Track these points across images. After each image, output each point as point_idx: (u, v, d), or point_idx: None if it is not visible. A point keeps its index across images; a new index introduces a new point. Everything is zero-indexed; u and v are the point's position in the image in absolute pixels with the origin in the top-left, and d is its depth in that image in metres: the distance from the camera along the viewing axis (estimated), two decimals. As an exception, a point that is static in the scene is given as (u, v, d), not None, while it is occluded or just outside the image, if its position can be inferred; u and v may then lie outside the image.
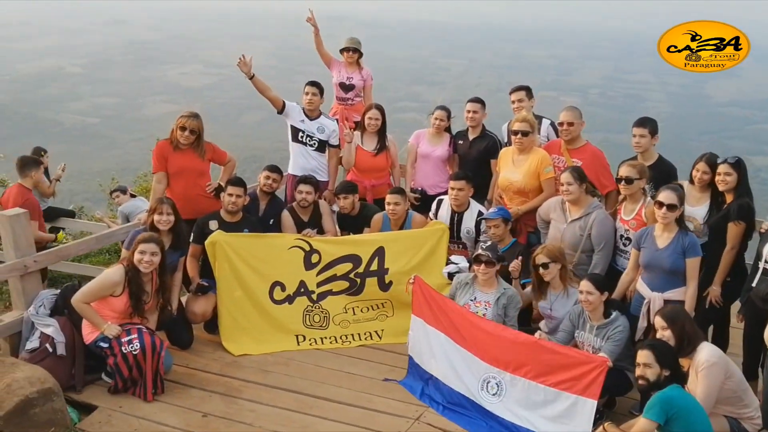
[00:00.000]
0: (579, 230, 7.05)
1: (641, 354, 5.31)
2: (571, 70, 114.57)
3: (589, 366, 5.63)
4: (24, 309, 6.85)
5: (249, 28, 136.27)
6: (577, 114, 7.71)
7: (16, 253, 6.74)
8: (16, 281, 6.87)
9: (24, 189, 8.16)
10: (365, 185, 8.78)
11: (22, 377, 5.78)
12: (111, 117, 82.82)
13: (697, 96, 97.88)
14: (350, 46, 9.75)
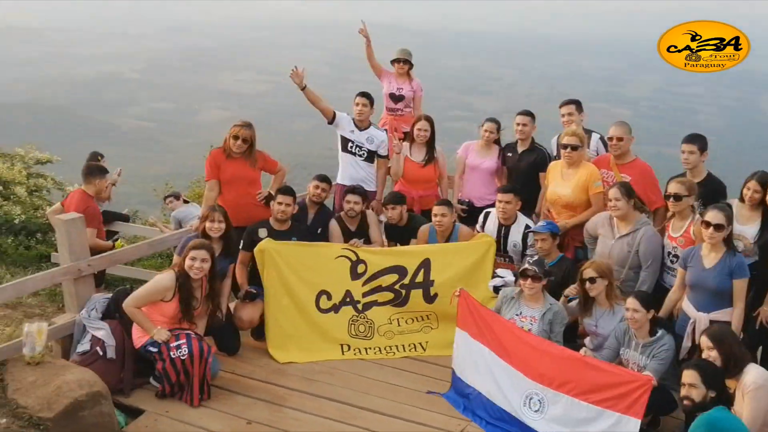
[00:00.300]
0: (627, 246, 6.97)
1: (687, 374, 5.24)
2: (623, 81, 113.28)
3: (634, 384, 5.55)
4: (77, 312, 6.96)
5: (302, 37, 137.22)
6: (627, 129, 7.65)
7: (70, 256, 6.85)
8: (70, 284, 6.98)
9: (86, 195, 8.30)
10: (413, 196, 8.79)
11: (72, 380, 5.88)
12: (166, 122, 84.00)
13: (751, 109, 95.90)
14: (401, 57, 9.78)
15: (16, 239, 11.19)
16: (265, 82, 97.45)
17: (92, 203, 8.21)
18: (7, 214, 11.30)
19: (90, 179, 8.27)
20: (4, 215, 11.29)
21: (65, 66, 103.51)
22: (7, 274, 9.72)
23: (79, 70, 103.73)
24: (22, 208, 11.67)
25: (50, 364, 6.18)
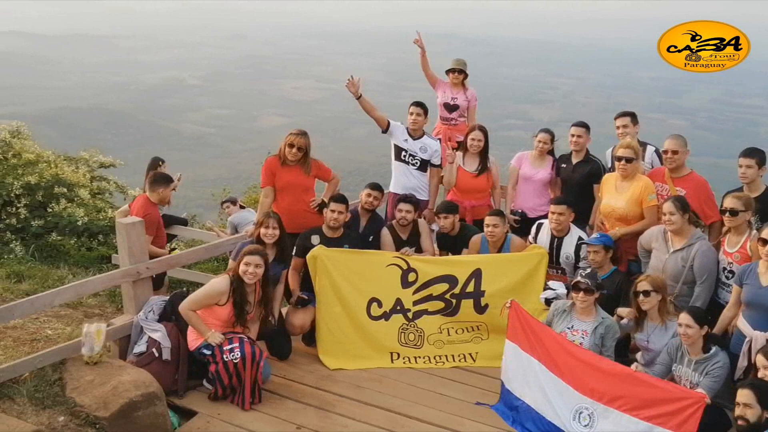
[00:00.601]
0: (681, 261, 6.87)
1: (741, 393, 5.14)
2: (680, 92, 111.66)
3: (686, 401, 5.46)
4: (134, 313, 7.10)
5: (359, 45, 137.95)
6: (682, 142, 7.54)
7: (129, 259, 7.00)
8: (129, 287, 7.13)
9: (149, 202, 8.45)
10: (465, 206, 8.77)
11: (128, 380, 6.01)
12: (225, 128, 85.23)
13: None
14: (456, 68, 9.80)
15: (78, 240, 11.49)
16: (321, 89, 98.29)
17: (153, 210, 8.32)
18: (70, 216, 11.58)
19: (154, 187, 8.43)
20: (68, 217, 11.56)
21: (130, 72, 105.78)
22: (69, 274, 9.93)
23: (143, 76, 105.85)
24: (85, 210, 11.94)
25: (108, 364, 6.32)
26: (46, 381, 6.08)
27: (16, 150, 12.53)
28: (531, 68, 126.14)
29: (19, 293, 8.54)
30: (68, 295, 6.87)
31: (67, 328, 7.43)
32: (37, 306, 6.55)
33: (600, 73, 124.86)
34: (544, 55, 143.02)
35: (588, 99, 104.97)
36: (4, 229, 11.41)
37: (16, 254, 10.76)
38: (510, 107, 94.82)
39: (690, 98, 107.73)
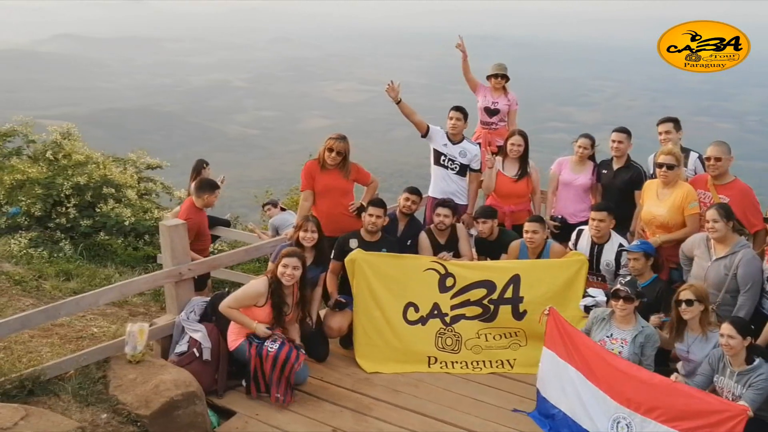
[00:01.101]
0: (724, 269, 6.73)
1: None
2: (728, 95, 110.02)
3: (728, 414, 5.34)
4: (176, 314, 7.22)
5: (402, 48, 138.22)
6: (726, 149, 7.39)
7: (172, 260, 7.11)
8: (171, 287, 7.25)
9: (193, 207, 8.60)
10: (504, 211, 8.75)
11: (169, 379, 6.10)
12: (270, 129, 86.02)
13: None
14: (498, 73, 9.79)
15: (125, 240, 11.79)
16: (364, 92, 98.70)
17: (195, 215, 8.51)
18: (117, 216, 11.83)
19: (200, 193, 8.58)
20: (115, 217, 11.82)
21: (178, 74, 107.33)
22: (116, 273, 10.21)
23: (191, 78, 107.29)
24: (132, 210, 12.21)
25: (150, 363, 6.44)
26: (90, 378, 6.21)
27: (67, 151, 12.84)
28: (574, 70, 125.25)
29: (67, 291, 8.79)
30: (113, 295, 7.00)
31: (112, 327, 7.59)
32: (82, 305, 6.71)
33: (644, 75, 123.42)
34: (587, 56, 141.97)
35: (632, 102, 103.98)
36: (55, 229, 11.75)
37: (66, 253, 11.04)
38: (553, 110, 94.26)
39: (738, 101, 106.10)
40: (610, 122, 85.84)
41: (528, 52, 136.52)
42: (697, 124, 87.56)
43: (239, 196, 34.25)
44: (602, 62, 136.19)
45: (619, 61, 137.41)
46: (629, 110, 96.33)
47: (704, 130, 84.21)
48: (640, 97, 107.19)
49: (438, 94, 77.47)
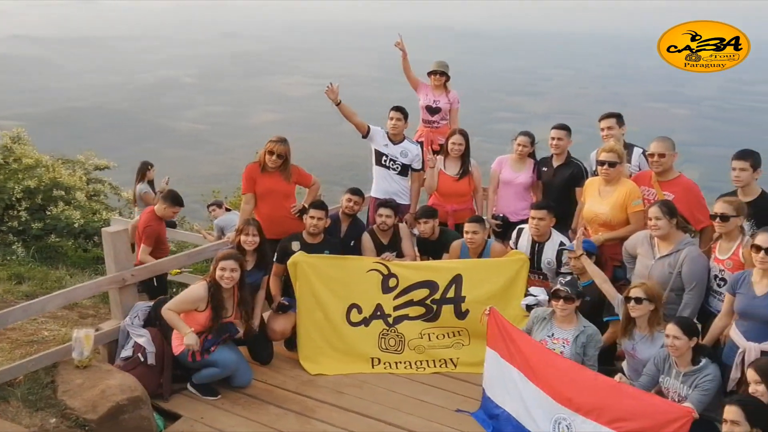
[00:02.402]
0: (668, 267, 6.68)
1: (729, 410, 4.97)
2: (683, 80, 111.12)
3: (672, 415, 5.30)
4: (121, 319, 7.24)
5: (351, 40, 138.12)
6: (669, 145, 7.31)
7: (116, 266, 7.13)
8: (115, 293, 7.28)
9: (153, 215, 8.70)
10: (447, 210, 8.78)
11: (115, 384, 6.17)
12: (219, 125, 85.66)
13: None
14: (438, 69, 9.76)
15: (75, 242, 11.91)
16: (313, 85, 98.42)
17: (154, 223, 8.59)
18: (67, 219, 11.92)
19: (164, 202, 8.63)
20: (65, 219, 11.89)
21: (128, 72, 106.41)
22: (67, 275, 10.28)
23: (141, 76, 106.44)
24: (81, 212, 12.31)
25: (97, 368, 6.47)
26: (39, 383, 6.22)
27: (17, 155, 12.97)
28: (525, 60, 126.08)
29: (19, 295, 8.92)
30: (59, 302, 7.01)
31: (62, 330, 7.54)
32: (30, 313, 6.75)
33: (597, 63, 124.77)
34: (539, 46, 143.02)
35: (583, 90, 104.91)
36: (7, 232, 11.96)
37: (18, 256, 11.18)
38: (502, 99, 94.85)
39: (694, 86, 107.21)
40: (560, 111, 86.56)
41: (479, 43, 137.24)
42: (652, 111, 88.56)
43: (190, 192, 33.91)
44: (554, 52, 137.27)
45: (572, 51, 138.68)
46: (580, 99, 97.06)
47: (659, 116, 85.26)
48: (591, 85, 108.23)
49: (388, 86, 77.42)
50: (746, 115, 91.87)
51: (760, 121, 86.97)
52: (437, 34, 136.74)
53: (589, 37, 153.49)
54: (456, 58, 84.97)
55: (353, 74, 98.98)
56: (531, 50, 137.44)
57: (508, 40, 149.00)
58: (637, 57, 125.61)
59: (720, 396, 5.82)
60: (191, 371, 6.91)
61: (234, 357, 6.98)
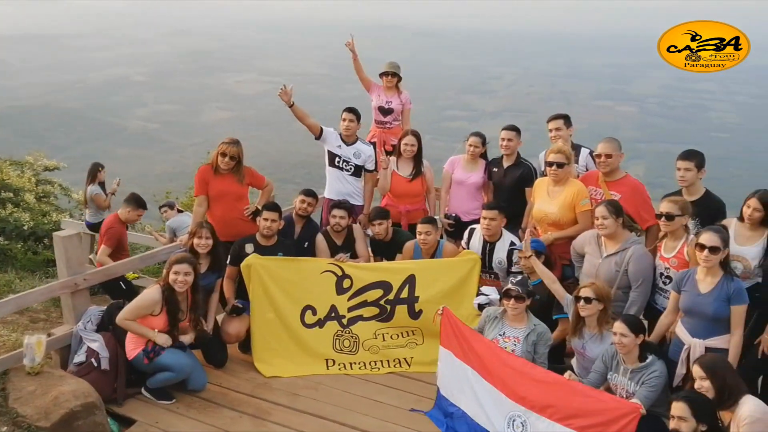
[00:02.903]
0: (615, 266, 6.82)
1: (676, 406, 5.09)
2: (629, 78, 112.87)
3: (621, 411, 5.40)
4: (74, 324, 7.17)
5: (304, 38, 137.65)
6: (616, 145, 7.49)
7: (68, 271, 7.05)
8: (68, 297, 7.19)
9: (117, 219, 8.79)
10: (400, 210, 8.84)
11: (68, 390, 6.08)
12: (171, 123, 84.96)
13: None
14: (389, 71, 9.81)
15: (25, 245, 11.67)
16: (265, 83, 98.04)
17: (117, 226, 8.70)
18: (16, 221, 11.71)
19: (126, 205, 8.76)
20: (14, 222, 11.67)
21: (78, 71, 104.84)
22: (17, 278, 10.13)
23: (91, 74, 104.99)
24: (30, 214, 12.11)
25: (49, 374, 6.39)
26: (-11, 391, 6.11)
27: None
28: (476, 59, 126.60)
29: None
30: (9, 308, 6.90)
31: (12, 335, 7.48)
32: (-23, 320, 6.59)
33: (546, 62, 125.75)
34: (490, 45, 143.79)
35: (532, 88, 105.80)
36: None
37: None
38: (453, 98, 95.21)
39: (640, 84, 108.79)
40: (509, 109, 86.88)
41: (431, 42, 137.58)
42: (599, 108, 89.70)
43: (141, 191, 33.61)
44: (504, 50, 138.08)
45: (521, 48, 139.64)
46: (529, 96, 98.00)
47: (605, 113, 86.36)
48: (540, 83, 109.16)
49: (340, 84, 77.46)
50: (689, 112, 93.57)
51: (702, 118, 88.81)
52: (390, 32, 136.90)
53: (537, 36, 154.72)
54: (409, 57, 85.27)
55: (305, 72, 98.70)
56: (481, 49, 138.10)
57: (460, 39, 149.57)
58: (584, 55, 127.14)
59: (666, 392, 5.96)
60: (146, 375, 6.87)
61: (188, 361, 6.96)
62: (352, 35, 9.84)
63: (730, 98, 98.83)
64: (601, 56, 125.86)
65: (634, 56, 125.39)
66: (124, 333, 6.89)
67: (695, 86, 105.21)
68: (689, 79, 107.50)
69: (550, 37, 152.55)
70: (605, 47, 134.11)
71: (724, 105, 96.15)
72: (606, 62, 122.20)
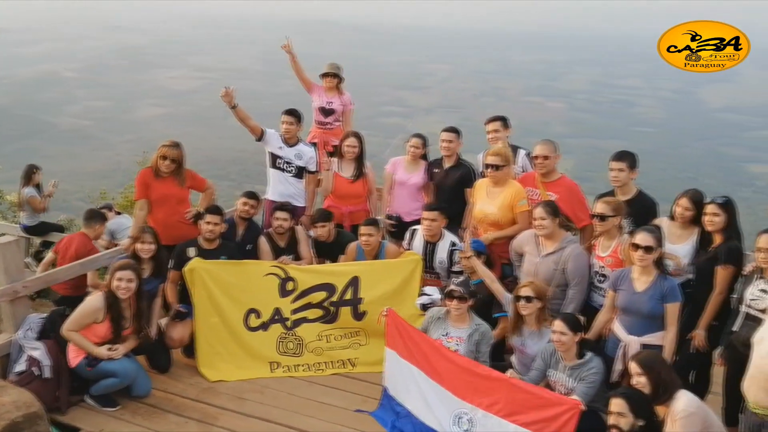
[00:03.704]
0: (553, 265, 6.99)
1: (614, 403, 5.24)
2: (558, 75, 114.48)
3: (562, 408, 5.56)
4: (13, 332, 7.05)
5: (238, 33, 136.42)
6: (552, 147, 7.67)
7: (6, 278, 6.94)
8: (7, 305, 7.07)
9: (87, 239, 8.63)
10: (343, 211, 8.89)
11: (9, 401, 5.87)
12: (103, 120, 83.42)
13: (691, 101, 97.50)
14: (330, 72, 9.85)
15: None
16: (199, 79, 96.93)
17: (93, 247, 8.57)
18: None
19: (91, 224, 8.70)
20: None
21: (5, 66, 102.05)
22: None
23: (19, 70, 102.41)
24: None
25: (-11, 385, 6.23)
26: (-75, 406, 5.90)
27: None
28: (409, 55, 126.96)
29: None
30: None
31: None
32: None
33: (478, 58, 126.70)
34: (423, 41, 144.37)
35: (465, 84, 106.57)
36: None
37: None
38: (388, 94, 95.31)
39: (568, 80, 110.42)
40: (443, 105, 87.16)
41: (365, 38, 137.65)
42: (529, 105, 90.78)
43: (74, 189, 33.11)
44: (437, 47, 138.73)
45: (454, 45, 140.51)
46: (462, 92, 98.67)
47: (535, 109, 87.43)
48: (472, 79, 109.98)
49: (275, 80, 76.97)
50: (615, 107, 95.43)
51: (628, 114, 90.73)
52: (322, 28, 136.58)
53: (469, 33, 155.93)
54: (341, 53, 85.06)
55: (239, 68, 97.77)
56: (414, 45, 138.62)
57: (391, 34, 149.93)
58: (515, 52, 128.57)
59: (604, 387, 6.14)
60: (89, 382, 6.80)
61: (132, 366, 6.92)
62: (288, 37, 9.83)
63: (654, 93, 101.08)
64: (529, 53, 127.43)
65: (560, 53, 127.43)
66: (66, 340, 6.82)
67: (621, 82, 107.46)
68: (615, 75, 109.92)
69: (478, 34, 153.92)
70: (534, 45, 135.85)
71: (648, 100, 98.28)
72: (533, 58, 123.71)
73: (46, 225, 11.50)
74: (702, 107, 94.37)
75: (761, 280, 5.94)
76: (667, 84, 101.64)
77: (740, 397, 5.61)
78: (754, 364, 5.32)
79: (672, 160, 65.35)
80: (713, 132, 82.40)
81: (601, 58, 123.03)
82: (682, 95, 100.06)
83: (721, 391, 6.45)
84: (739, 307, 6.09)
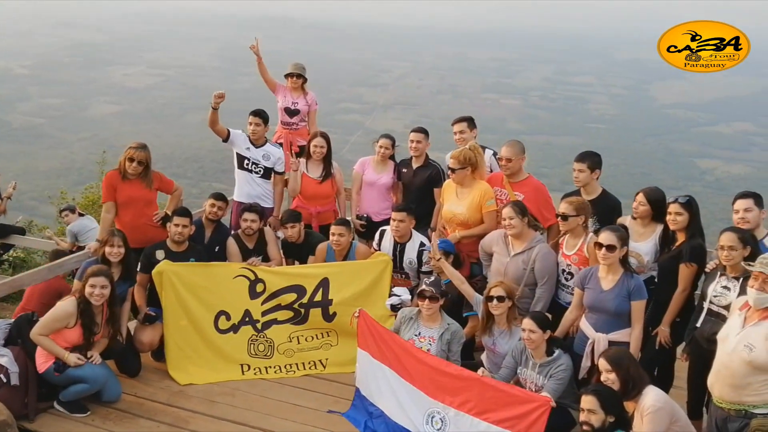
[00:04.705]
0: (522, 264, 7.08)
1: (585, 400, 5.33)
2: (513, 72, 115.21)
3: (532, 405, 5.64)
4: (-21, 340, 6.89)
5: (194, 30, 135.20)
6: (518, 149, 7.74)
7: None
8: (-29, 312, 6.97)
9: None
10: (311, 212, 8.89)
11: (-22, 410, 5.91)
12: (57, 117, 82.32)
13: (642, 98, 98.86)
14: (294, 72, 9.84)
15: None
16: (154, 75, 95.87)
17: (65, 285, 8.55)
18: None
19: None
20: None
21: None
22: None
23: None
24: None
25: (-45, 393, 6.13)
26: None
27: None
28: (365, 52, 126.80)
29: None
30: None
31: None
32: None
33: (434, 55, 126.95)
34: (378, 38, 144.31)
35: (422, 81, 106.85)
36: None
37: None
38: (345, 91, 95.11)
39: (522, 77, 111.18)
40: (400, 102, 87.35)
41: (321, 34, 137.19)
42: (485, 102, 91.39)
43: (28, 188, 32.65)
44: (392, 43, 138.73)
45: (410, 42, 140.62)
46: (419, 89, 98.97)
47: (491, 106, 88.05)
48: (429, 76, 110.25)
49: (232, 77, 76.41)
50: (569, 104, 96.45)
51: (581, 110, 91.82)
52: (278, 24, 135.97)
53: (425, 30, 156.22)
54: (298, 49, 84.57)
55: (196, 65, 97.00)
56: (370, 42, 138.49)
57: (348, 31, 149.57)
58: (470, 49, 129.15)
59: (572, 384, 6.29)
60: (58, 389, 6.70)
61: (102, 371, 6.84)
62: (256, 38, 9.78)
63: (606, 90, 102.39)
64: (486, 50, 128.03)
65: (515, 50, 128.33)
66: (34, 346, 6.71)
67: (574, 79, 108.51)
68: (569, 73, 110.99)
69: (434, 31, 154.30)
70: (489, 42, 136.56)
71: (601, 97, 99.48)
72: (489, 56, 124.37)
73: (6, 227, 11.34)
74: (653, 104, 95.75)
75: (723, 277, 6.03)
76: (618, 81, 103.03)
77: (704, 391, 5.80)
78: (719, 360, 5.43)
79: (624, 155, 66.23)
80: (664, 128, 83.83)
81: (555, 55, 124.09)
82: (634, 92, 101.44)
83: (684, 386, 6.56)
84: (702, 303, 6.18)
